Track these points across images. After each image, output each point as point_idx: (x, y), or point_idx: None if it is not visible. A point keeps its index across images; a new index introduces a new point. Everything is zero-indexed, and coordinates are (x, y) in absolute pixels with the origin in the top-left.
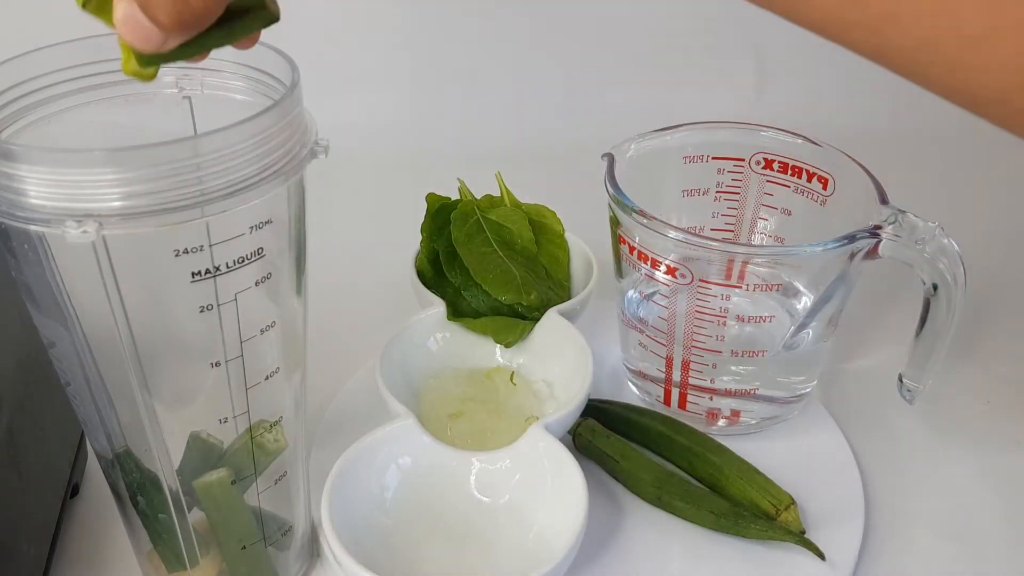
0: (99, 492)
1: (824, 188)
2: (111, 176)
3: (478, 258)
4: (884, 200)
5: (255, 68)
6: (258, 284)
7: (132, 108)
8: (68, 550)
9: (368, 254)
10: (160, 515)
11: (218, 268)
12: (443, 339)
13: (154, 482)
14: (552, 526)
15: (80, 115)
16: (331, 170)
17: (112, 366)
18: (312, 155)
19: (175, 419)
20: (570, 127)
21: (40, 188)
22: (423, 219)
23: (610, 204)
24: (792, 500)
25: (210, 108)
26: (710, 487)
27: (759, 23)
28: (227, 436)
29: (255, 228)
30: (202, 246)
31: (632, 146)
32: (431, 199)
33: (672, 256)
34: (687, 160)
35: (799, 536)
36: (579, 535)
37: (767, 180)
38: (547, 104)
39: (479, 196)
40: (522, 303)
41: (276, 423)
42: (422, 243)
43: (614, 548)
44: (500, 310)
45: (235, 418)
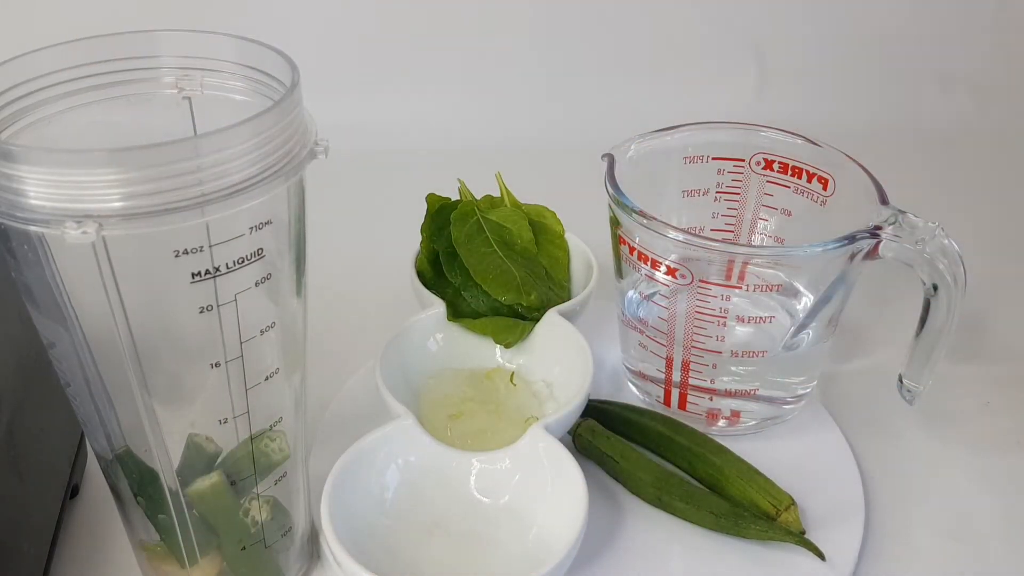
0: (99, 492)
1: (824, 188)
2: (111, 176)
3: (478, 258)
4: (884, 200)
5: (255, 68)
6: (258, 285)
7: (132, 108)
8: (68, 550)
9: (368, 254)
10: (160, 515)
11: (218, 269)
12: (443, 339)
13: (154, 482)
14: (552, 526)
15: (80, 115)
16: (331, 170)
17: (112, 366)
18: (312, 155)
19: (175, 419)
20: (570, 127)
21: (40, 189)
22: (423, 219)
23: (610, 204)
24: (792, 500)
25: (210, 108)
26: (710, 487)
27: (759, 23)
28: (227, 436)
29: (255, 228)
30: (202, 247)
31: (632, 146)
32: (431, 199)
33: (672, 256)
34: (687, 160)
35: (799, 536)
36: (579, 535)
37: (767, 180)
38: (547, 104)
39: (479, 196)
40: (522, 303)
41: (279, 432)
42: (422, 243)
43: (614, 548)
44: (500, 310)
45: (235, 419)
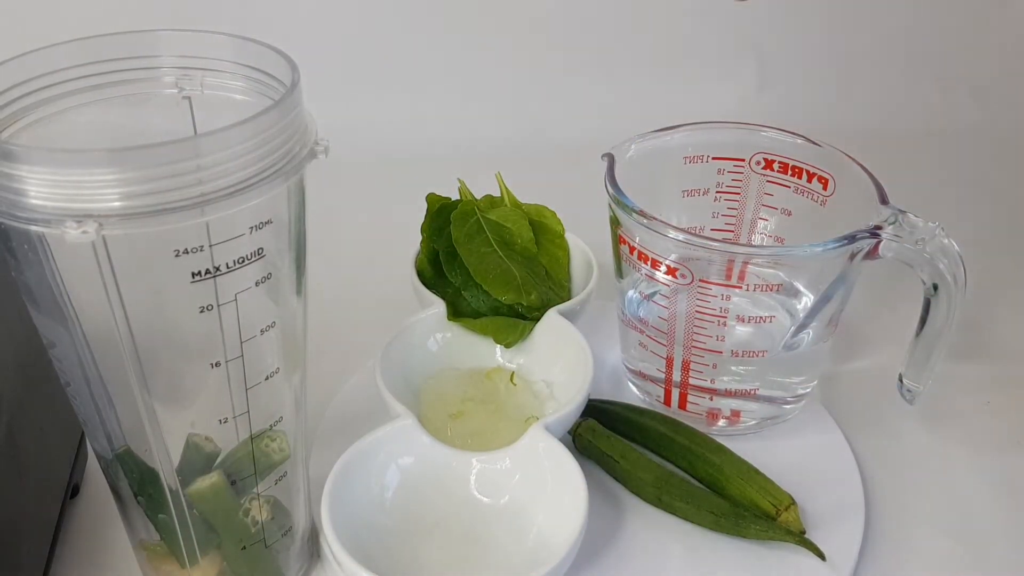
0: (99, 492)
1: (824, 188)
2: (111, 176)
3: (478, 258)
4: (884, 200)
5: (255, 68)
6: (258, 284)
7: (132, 108)
8: (68, 550)
9: (368, 254)
10: (160, 515)
11: (218, 268)
12: (443, 339)
13: (154, 482)
14: (552, 526)
15: (80, 115)
16: (331, 170)
17: (112, 366)
18: (312, 155)
19: (175, 419)
20: (570, 127)
21: (40, 188)
22: (423, 219)
23: (610, 204)
24: (792, 500)
25: (210, 108)
26: (710, 487)
27: (759, 23)
28: (227, 436)
29: (255, 228)
30: (202, 246)
31: (632, 146)
32: (431, 199)
33: (672, 256)
34: (687, 160)
35: (799, 536)
36: (579, 535)
37: (767, 180)
38: (547, 104)
39: (479, 196)
40: (522, 303)
41: (279, 431)
42: (422, 243)
43: (614, 548)
44: (500, 310)
45: (235, 418)
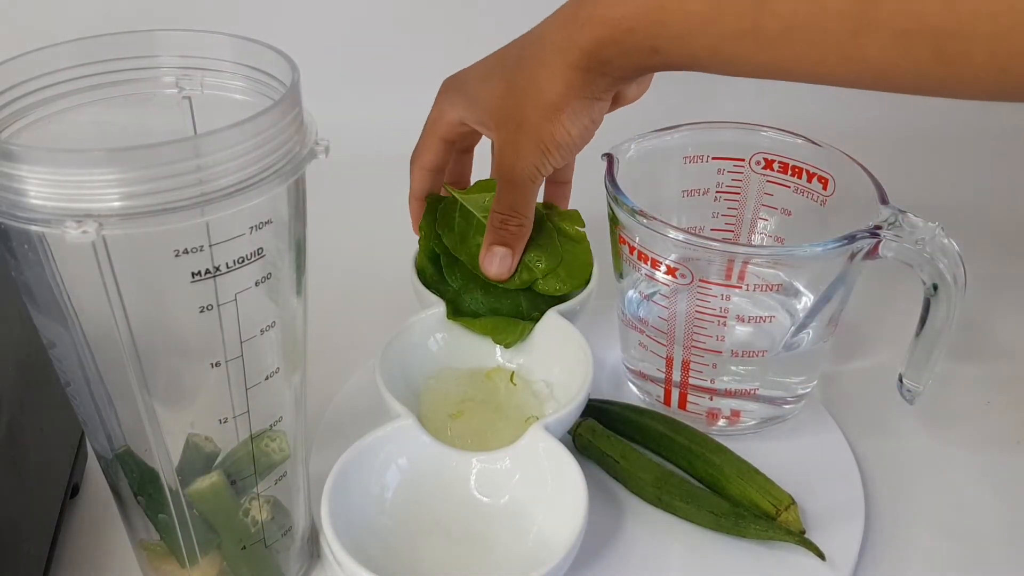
0: (99, 492)
1: (824, 188)
2: (111, 176)
3: (476, 253)
4: (884, 200)
5: (255, 68)
6: (258, 284)
7: (132, 108)
8: (68, 550)
9: (368, 254)
10: (160, 515)
11: (218, 268)
12: (443, 339)
13: (154, 482)
14: (552, 526)
15: (80, 115)
16: (331, 170)
17: (112, 366)
18: (312, 155)
19: (175, 419)
20: None
21: (40, 188)
22: (423, 219)
23: (610, 204)
24: (792, 500)
25: (210, 108)
26: (710, 487)
27: None
28: (227, 436)
29: (255, 228)
30: (202, 246)
31: (632, 146)
32: (430, 199)
33: (672, 256)
34: (687, 160)
35: (799, 536)
36: (579, 535)
37: (767, 180)
38: None
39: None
40: (537, 277)
41: (279, 431)
42: (421, 242)
43: (614, 548)
44: (500, 311)
45: (235, 418)
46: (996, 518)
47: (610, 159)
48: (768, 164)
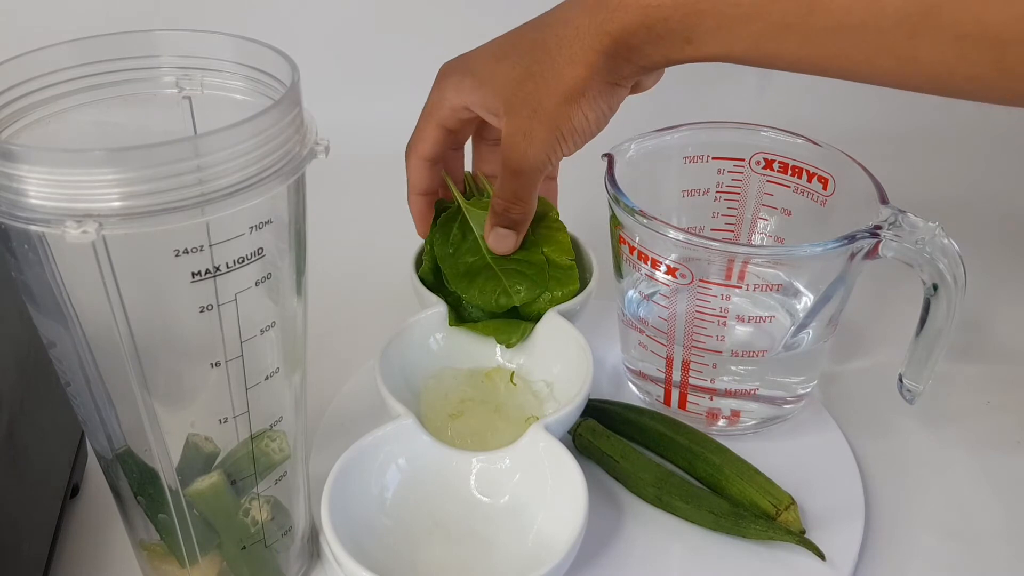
0: (99, 492)
1: (824, 188)
2: (111, 176)
3: (462, 271)
4: (884, 200)
5: (255, 68)
6: (258, 284)
7: (132, 108)
8: (68, 550)
9: (368, 254)
10: (160, 515)
11: (218, 268)
12: (443, 339)
13: (154, 482)
14: (552, 526)
15: (80, 115)
16: (331, 170)
17: (112, 366)
18: (312, 155)
19: (175, 419)
20: None
21: (40, 188)
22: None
23: (610, 204)
24: (792, 500)
25: (210, 108)
26: (710, 487)
27: None
28: (227, 436)
29: (255, 228)
30: (202, 246)
31: (632, 146)
32: (439, 206)
33: (672, 256)
34: (687, 160)
35: (799, 536)
36: (579, 535)
37: (767, 180)
38: None
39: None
40: (515, 303)
41: (279, 431)
42: (426, 252)
43: (614, 548)
44: (498, 313)
45: (235, 418)
46: (996, 518)
47: (610, 159)
48: (768, 164)
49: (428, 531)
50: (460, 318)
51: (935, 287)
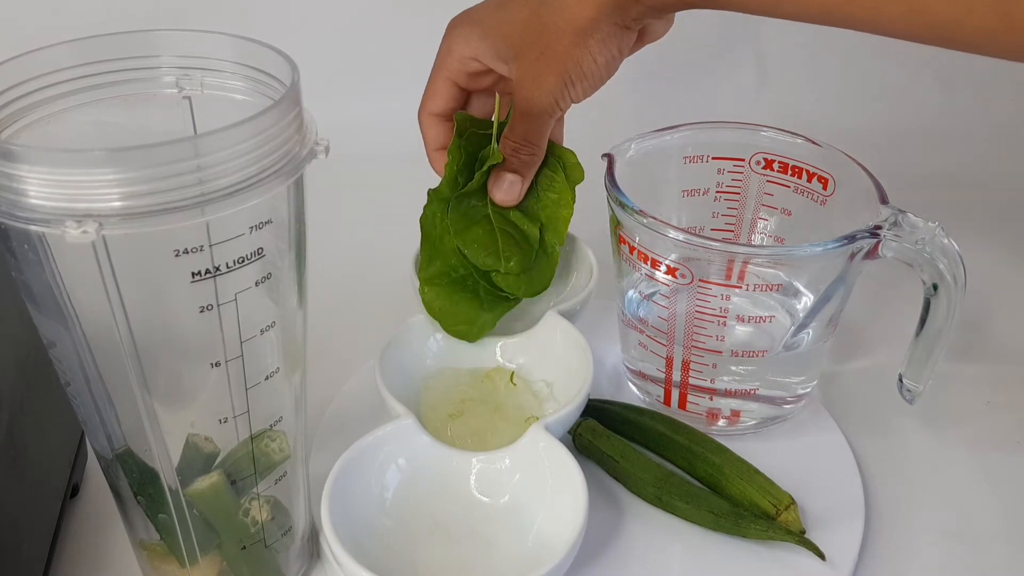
0: (99, 492)
1: (824, 188)
2: (111, 176)
3: (463, 210)
4: (884, 200)
5: (255, 68)
6: (258, 284)
7: (132, 108)
8: (68, 550)
9: (368, 254)
10: (160, 515)
11: (218, 268)
12: (443, 339)
13: (154, 482)
14: (552, 526)
15: (80, 115)
16: (331, 170)
17: (112, 366)
18: (312, 155)
19: (175, 419)
20: (570, 127)
21: (40, 188)
22: (452, 142)
23: (610, 204)
24: (792, 500)
25: (210, 108)
26: (710, 487)
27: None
28: (227, 436)
29: (255, 228)
30: (202, 246)
31: (632, 146)
32: (460, 119)
33: (672, 256)
34: (687, 160)
35: (799, 536)
36: (579, 535)
37: (767, 180)
38: None
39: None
40: (499, 269)
41: (279, 431)
42: (447, 166)
43: (614, 548)
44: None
45: (235, 418)
46: (996, 518)
47: (610, 159)
48: (768, 164)
49: (428, 531)
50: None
51: (935, 287)
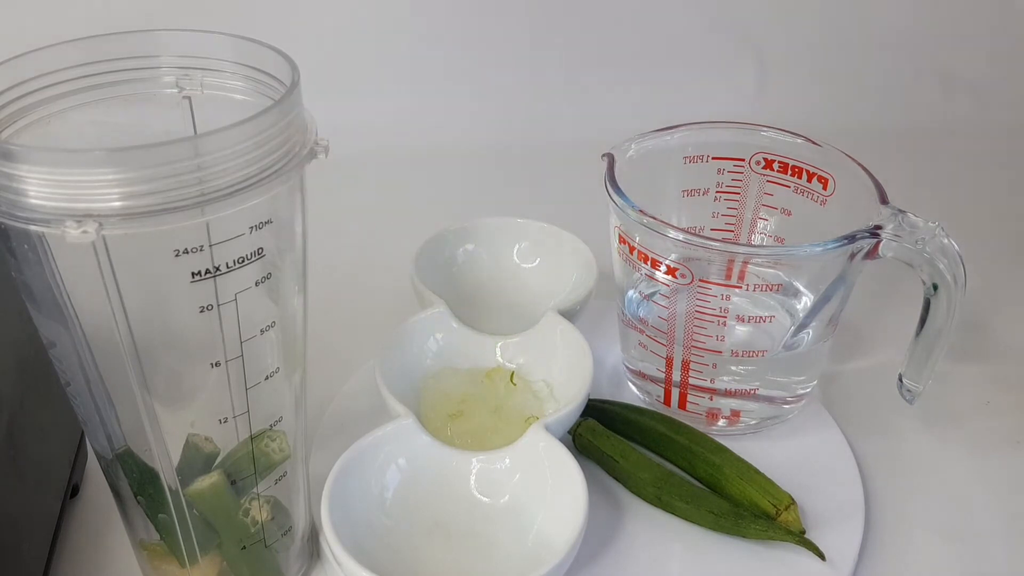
0: (99, 492)
1: (824, 188)
2: (111, 176)
3: None
4: (884, 200)
5: (255, 68)
6: (258, 284)
7: (132, 108)
8: (68, 550)
9: (368, 254)
10: (160, 515)
11: (218, 268)
12: (443, 339)
13: (154, 482)
14: (552, 526)
15: (80, 115)
16: (331, 170)
17: (112, 366)
18: (312, 155)
19: (175, 419)
20: (570, 127)
21: (40, 188)
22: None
23: (610, 204)
24: (792, 500)
25: (210, 108)
26: (710, 487)
27: (759, 23)
28: (227, 436)
29: (255, 228)
30: (202, 246)
31: (632, 146)
32: None
33: (672, 256)
34: (687, 160)
35: (799, 536)
36: (579, 535)
37: (767, 180)
38: (547, 104)
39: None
40: None
41: (279, 431)
42: None
43: (614, 548)
44: None
45: (235, 418)
46: (996, 518)
47: (610, 159)
48: (768, 164)
49: (428, 531)
50: None
51: (935, 287)
